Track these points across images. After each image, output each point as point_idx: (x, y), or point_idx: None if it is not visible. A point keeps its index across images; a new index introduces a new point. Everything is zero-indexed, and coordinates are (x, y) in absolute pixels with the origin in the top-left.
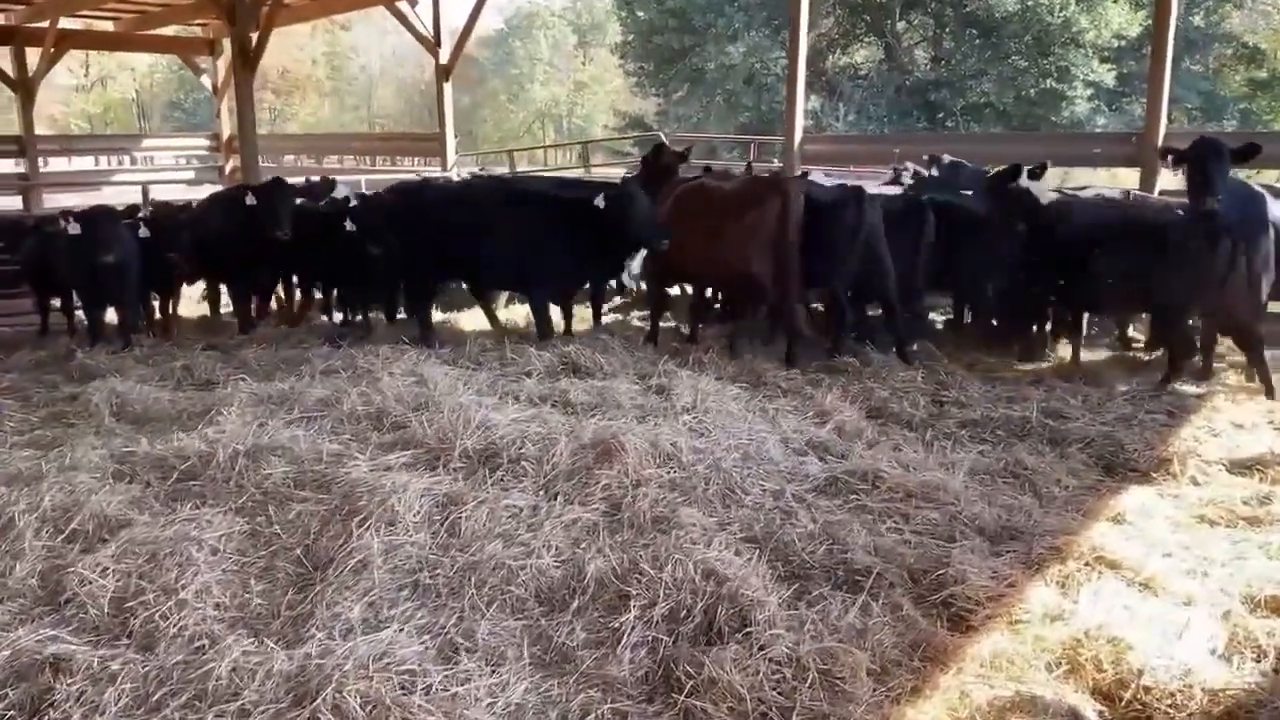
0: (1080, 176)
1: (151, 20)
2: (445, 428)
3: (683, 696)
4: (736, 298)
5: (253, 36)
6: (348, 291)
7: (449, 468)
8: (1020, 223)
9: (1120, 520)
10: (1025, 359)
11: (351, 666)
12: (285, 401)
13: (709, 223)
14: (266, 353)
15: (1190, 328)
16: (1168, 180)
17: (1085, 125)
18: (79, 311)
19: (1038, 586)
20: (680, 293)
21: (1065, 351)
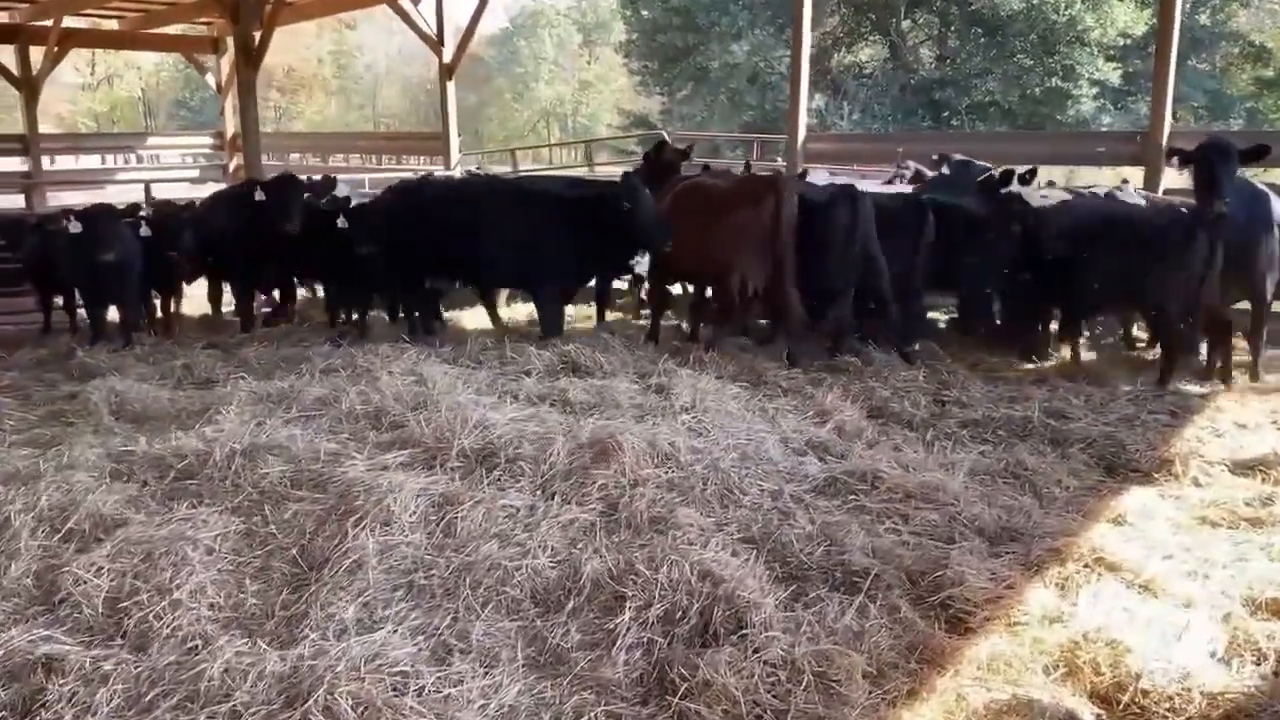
0: (1086, 176)
1: (155, 19)
2: (443, 427)
3: (676, 699)
4: (729, 296)
5: (256, 35)
6: (347, 290)
7: (446, 467)
8: (1016, 223)
9: (1121, 521)
10: (1026, 358)
11: (344, 668)
12: (284, 400)
13: (702, 220)
14: (268, 351)
15: (1185, 325)
16: (1172, 179)
17: (1091, 124)
18: (81, 310)
19: (1037, 588)
20: (683, 291)
21: (1068, 351)
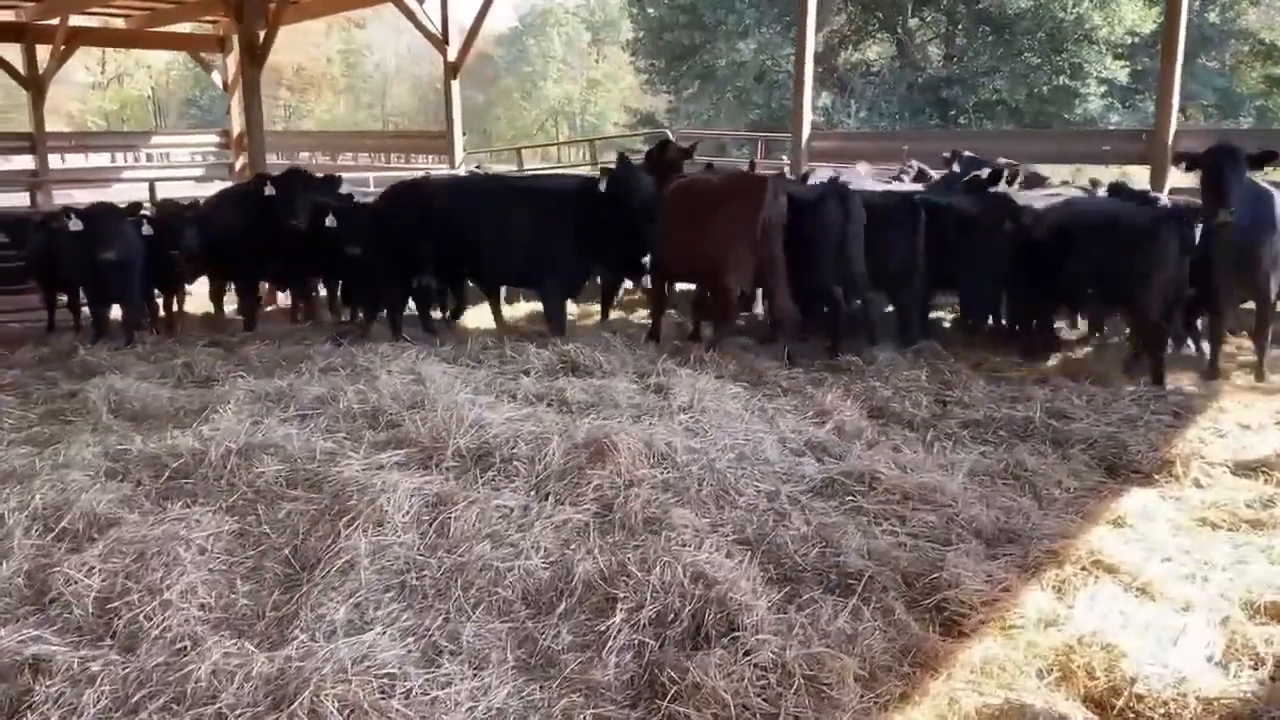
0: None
1: (162, 17)
2: (439, 426)
3: (666, 702)
4: (726, 294)
5: (260, 33)
6: (346, 289)
7: (441, 467)
8: (1008, 222)
9: (1120, 523)
10: (1026, 358)
11: (331, 669)
12: (282, 399)
13: (694, 218)
14: (269, 349)
15: (1160, 321)
16: (1178, 178)
17: (1098, 122)
18: (85, 308)
19: (1033, 591)
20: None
21: (1069, 351)
